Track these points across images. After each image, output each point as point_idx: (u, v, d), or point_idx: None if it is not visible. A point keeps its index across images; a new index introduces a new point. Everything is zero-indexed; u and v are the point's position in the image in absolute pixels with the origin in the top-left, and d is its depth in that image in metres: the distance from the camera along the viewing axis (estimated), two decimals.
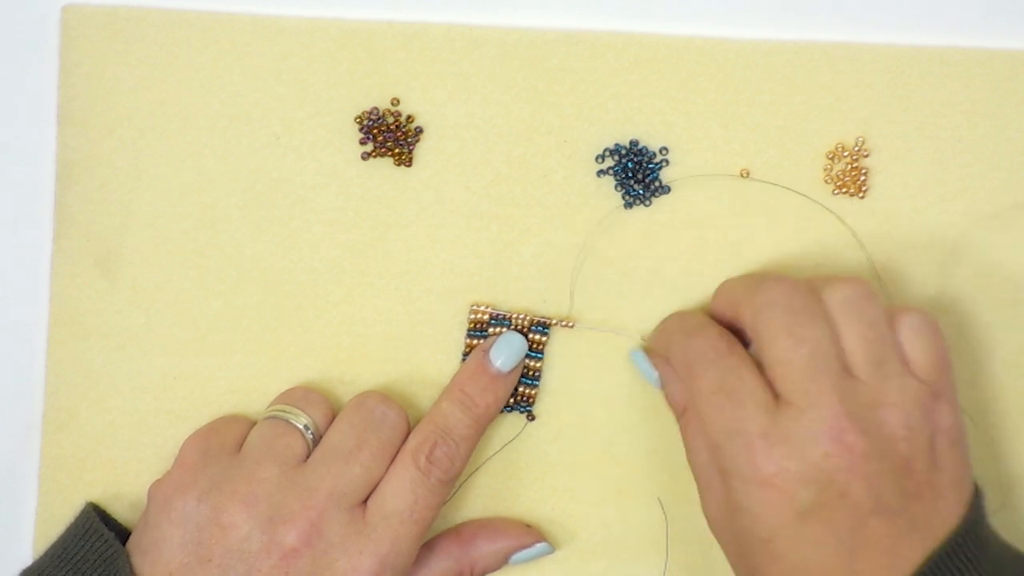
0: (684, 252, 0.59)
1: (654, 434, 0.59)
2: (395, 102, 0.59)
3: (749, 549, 0.51)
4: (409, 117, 0.59)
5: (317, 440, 0.56)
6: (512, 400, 0.59)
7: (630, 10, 0.59)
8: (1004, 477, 0.59)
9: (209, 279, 0.59)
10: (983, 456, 0.59)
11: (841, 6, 0.60)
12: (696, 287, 0.59)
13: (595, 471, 0.59)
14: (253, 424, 0.57)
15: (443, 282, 0.59)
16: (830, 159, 0.59)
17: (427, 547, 0.57)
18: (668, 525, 0.59)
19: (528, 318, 0.59)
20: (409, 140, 0.59)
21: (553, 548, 0.58)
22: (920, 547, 0.49)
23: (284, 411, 0.56)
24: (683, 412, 0.56)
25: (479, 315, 0.59)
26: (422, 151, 0.59)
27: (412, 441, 0.56)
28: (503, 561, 0.58)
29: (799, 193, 0.59)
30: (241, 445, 0.56)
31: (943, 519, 0.50)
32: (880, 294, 0.53)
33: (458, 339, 0.59)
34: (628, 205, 0.59)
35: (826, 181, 0.59)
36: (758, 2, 0.60)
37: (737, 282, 0.56)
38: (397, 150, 0.59)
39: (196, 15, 0.59)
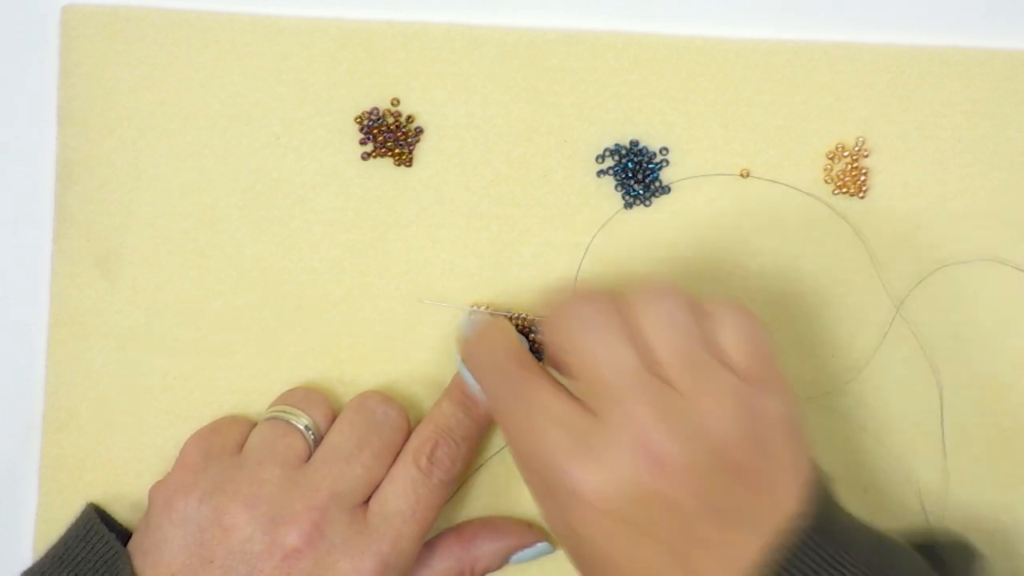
0: (684, 252, 0.59)
1: None
2: (395, 102, 0.59)
3: (589, 566, 0.49)
4: (409, 117, 0.59)
5: (318, 440, 0.56)
6: None
7: (630, 10, 0.59)
8: (1009, 477, 0.59)
9: (209, 279, 0.59)
10: (983, 456, 0.59)
11: (841, 6, 0.60)
12: (696, 287, 0.59)
13: None
14: (254, 425, 0.57)
15: (443, 282, 0.59)
16: (830, 159, 0.59)
17: (428, 546, 0.57)
18: None
19: (528, 318, 0.59)
20: (409, 140, 0.59)
21: (554, 547, 0.58)
22: (757, 541, 0.46)
23: (285, 412, 0.56)
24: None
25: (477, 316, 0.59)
26: (422, 151, 0.59)
27: (413, 441, 0.56)
28: (504, 560, 0.58)
29: (799, 190, 0.59)
30: (242, 446, 0.56)
31: (780, 510, 0.47)
32: (686, 291, 0.51)
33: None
34: (628, 205, 0.59)
35: (826, 181, 0.59)
36: (758, 2, 0.60)
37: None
38: (397, 150, 0.59)
39: (196, 15, 0.59)
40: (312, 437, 0.56)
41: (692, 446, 0.47)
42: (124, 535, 0.56)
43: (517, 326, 0.59)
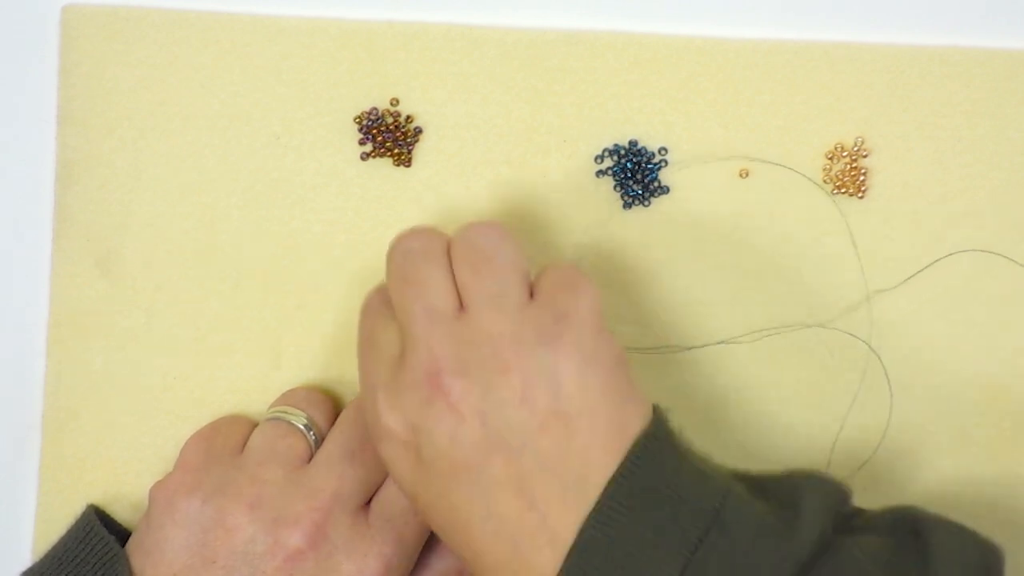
0: (683, 252, 0.59)
1: None
2: (394, 102, 0.59)
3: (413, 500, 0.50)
4: (408, 117, 0.59)
5: (319, 441, 0.56)
6: None
7: (630, 10, 0.59)
8: (1009, 477, 0.59)
9: (209, 279, 0.59)
10: (983, 456, 0.59)
11: (841, 6, 0.60)
12: (695, 288, 0.59)
13: None
14: (254, 425, 0.57)
15: None
16: (829, 159, 0.59)
17: (428, 547, 0.57)
18: None
19: None
20: (408, 140, 0.59)
21: None
22: (584, 501, 0.46)
23: (286, 412, 0.56)
24: None
25: None
26: (421, 151, 0.59)
27: None
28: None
29: (796, 172, 0.59)
30: (243, 446, 0.56)
31: (599, 467, 0.46)
32: (514, 239, 0.50)
33: None
34: (627, 205, 0.59)
35: (825, 181, 0.59)
36: (758, 2, 0.60)
37: None
38: (396, 150, 0.59)
39: (196, 15, 0.59)
40: (313, 437, 0.56)
41: (479, 380, 0.46)
42: (124, 536, 0.56)
43: None
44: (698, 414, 0.59)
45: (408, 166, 0.59)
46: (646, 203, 0.59)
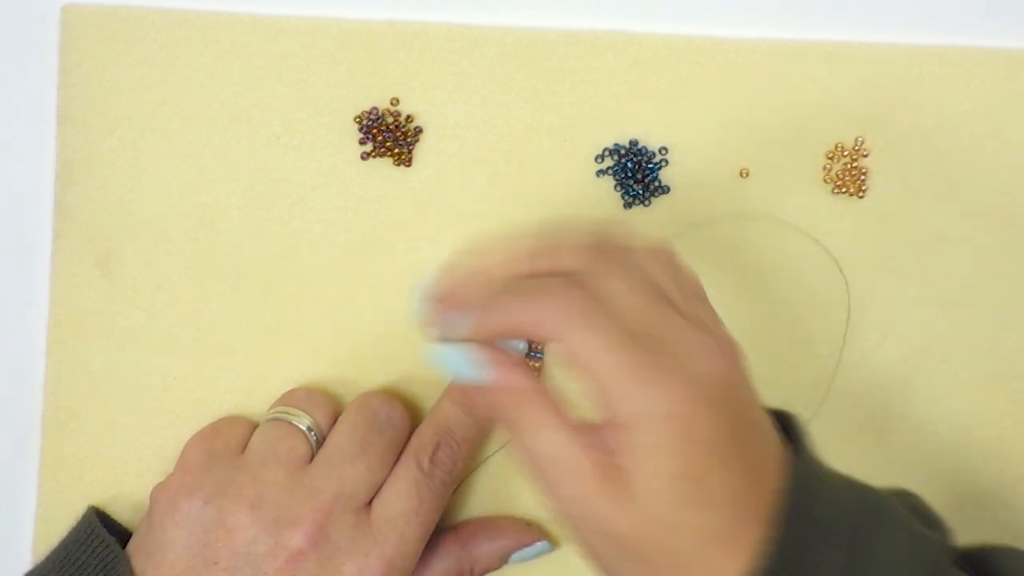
0: (683, 253, 0.59)
1: None
2: (395, 102, 0.59)
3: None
4: (409, 117, 0.59)
5: (321, 441, 0.56)
6: None
7: (630, 10, 0.59)
8: (1008, 477, 0.59)
9: (209, 279, 0.59)
10: (984, 456, 0.59)
11: (841, 6, 0.60)
12: None
13: None
14: (255, 426, 0.57)
15: None
16: (829, 159, 0.59)
17: (428, 547, 0.57)
18: None
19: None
20: (409, 140, 0.59)
21: (554, 546, 0.58)
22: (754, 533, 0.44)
23: (287, 413, 0.56)
24: None
25: None
26: (422, 151, 0.59)
27: (414, 442, 0.56)
28: (503, 560, 0.58)
29: (797, 172, 0.59)
30: (244, 447, 0.56)
31: (766, 487, 0.44)
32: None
33: None
34: (627, 205, 0.59)
35: (825, 181, 0.59)
36: (758, 2, 0.60)
37: None
38: (397, 150, 0.59)
39: (196, 15, 0.59)
40: (315, 438, 0.56)
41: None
42: (125, 537, 0.56)
43: None
44: None
45: (408, 166, 0.59)
46: (646, 203, 0.59)
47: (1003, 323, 0.59)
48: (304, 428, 0.55)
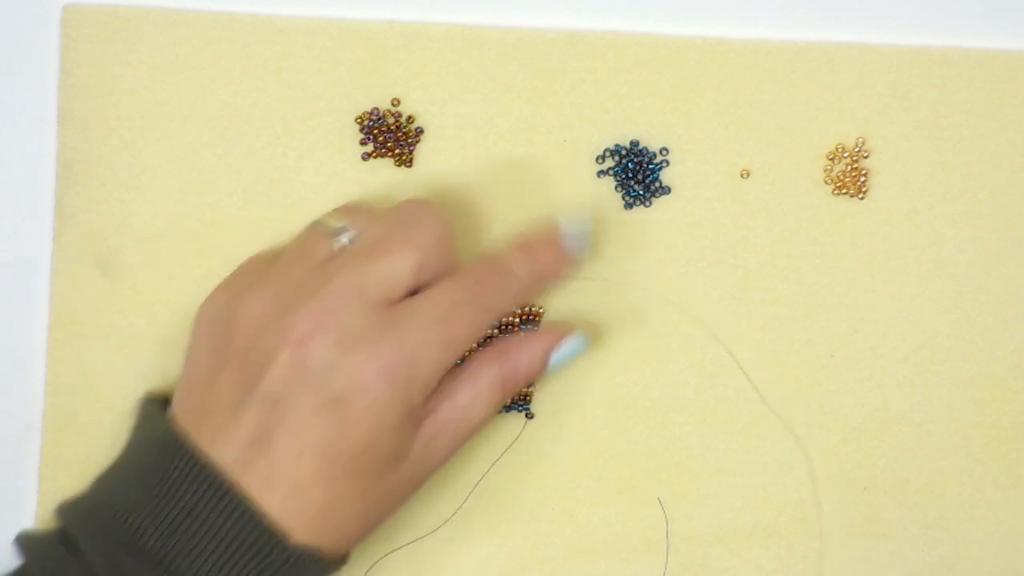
0: (684, 253, 0.59)
1: (654, 434, 0.60)
2: (396, 102, 0.59)
3: None
4: (410, 117, 0.59)
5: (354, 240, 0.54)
6: (509, 400, 0.59)
7: (631, 10, 0.59)
8: (1009, 477, 0.59)
9: (209, 279, 0.59)
10: (984, 456, 0.59)
11: (841, 7, 0.60)
12: (696, 288, 0.59)
13: (595, 471, 0.59)
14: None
15: None
16: (830, 160, 0.59)
17: (464, 366, 0.55)
18: (668, 525, 0.59)
19: (517, 311, 0.59)
20: (410, 140, 0.59)
21: (586, 337, 0.57)
22: None
23: (325, 219, 0.55)
24: None
25: None
26: (423, 151, 0.59)
27: (464, 267, 0.54)
28: (544, 362, 0.56)
29: (797, 173, 0.59)
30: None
31: None
32: None
33: None
34: (628, 206, 0.59)
35: (826, 182, 0.59)
36: (759, 2, 0.60)
37: None
38: (398, 150, 0.59)
39: (196, 15, 0.59)
40: (346, 239, 0.54)
41: None
42: None
43: (503, 326, 0.59)
44: (699, 413, 0.60)
45: (409, 166, 0.59)
46: (647, 203, 0.59)
47: (1003, 323, 0.59)
48: (335, 230, 0.54)
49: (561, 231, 0.56)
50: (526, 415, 0.59)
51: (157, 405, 0.55)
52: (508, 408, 0.59)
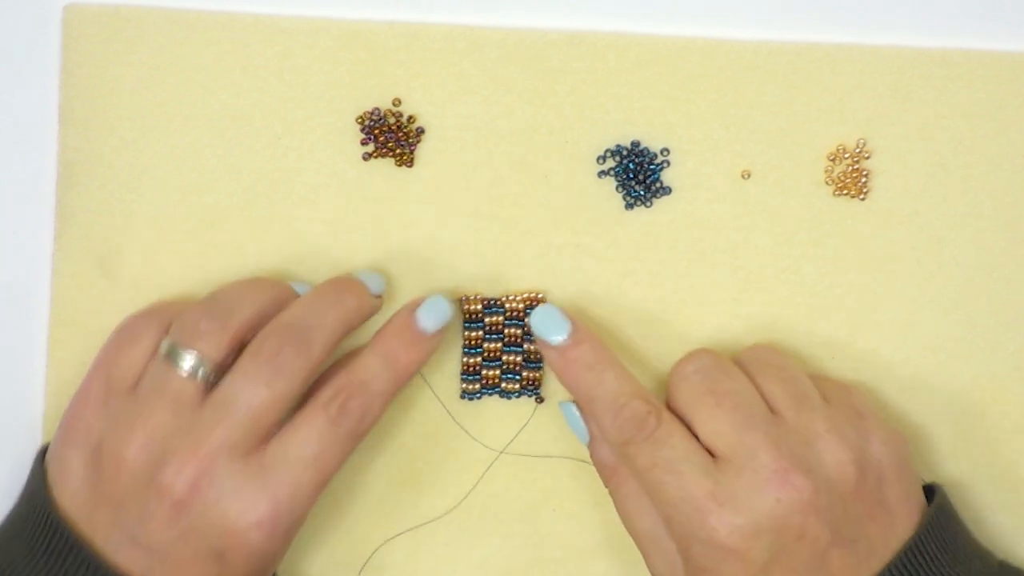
0: (685, 253, 0.59)
1: None
2: (396, 102, 0.59)
3: None
4: (410, 118, 0.59)
5: (214, 374, 0.53)
6: (519, 384, 0.59)
7: (632, 11, 0.59)
8: (1008, 478, 0.59)
9: (210, 279, 0.59)
10: (983, 457, 0.59)
11: (842, 8, 0.60)
12: (696, 289, 0.59)
13: (595, 472, 0.59)
14: (154, 345, 0.55)
15: (444, 283, 0.59)
16: (831, 161, 0.59)
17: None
18: None
19: (521, 297, 0.59)
20: (410, 141, 0.59)
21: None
22: (879, 566, 0.51)
23: (176, 349, 0.54)
24: (612, 474, 0.57)
25: (471, 304, 0.59)
26: (423, 152, 0.59)
27: (326, 391, 0.54)
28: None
29: (798, 174, 0.59)
30: (139, 379, 0.54)
31: (899, 533, 0.52)
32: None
33: (459, 339, 0.59)
34: (629, 206, 0.59)
35: (827, 183, 0.59)
36: (760, 3, 0.60)
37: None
38: (398, 150, 0.59)
39: (197, 15, 0.59)
40: (205, 373, 0.53)
41: (819, 477, 0.51)
42: None
43: (511, 309, 0.59)
44: None
45: (410, 166, 0.59)
46: (648, 204, 0.59)
47: (1004, 324, 0.59)
48: (190, 369, 0.53)
49: (416, 320, 0.56)
50: (537, 400, 0.60)
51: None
52: (519, 394, 0.59)
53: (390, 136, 0.59)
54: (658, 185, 0.59)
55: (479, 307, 0.59)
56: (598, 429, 0.56)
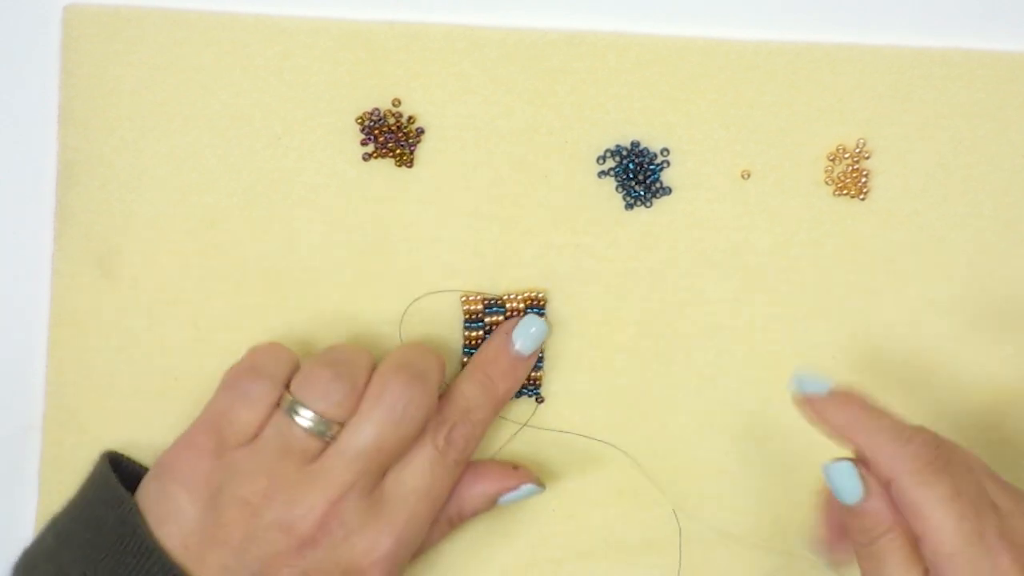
0: (684, 254, 0.59)
1: (655, 435, 0.60)
2: (396, 103, 0.59)
3: None
4: (410, 118, 0.59)
5: (333, 430, 0.54)
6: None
7: (632, 11, 0.59)
8: (1007, 479, 0.59)
9: (210, 279, 0.59)
10: (984, 457, 0.59)
11: (842, 8, 0.60)
12: (696, 289, 0.59)
13: (596, 472, 0.59)
14: (267, 412, 0.55)
15: (444, 283, 0.59)
16: (831, 161, 0.59)
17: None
18: (680, 529, 0.59)
19: (522, 297, 0.59)
20: (410, 141, 0.59)
21: (542, 487, 0.58)
22: None
23: (296, 407, 0.55)
24: (885, 532, 0.51)
25: (472, 304, 0.59)
26: (423, 152, 0.59)
27: (432, 421, 0.55)
28: (492, 502, 0.58)
29: (798, 174, 0.59)
30: (255, 435, 0.55)
31: None
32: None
33: (459, 339, 0.59)
34: (629, 206, 0.59)
35: (827, 183, 0.59)
36: (760, 3, 0.60)
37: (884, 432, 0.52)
38: (398, 151, 0.59)
39: (197, 15, 0.59)
40: (325, 431, 0.54)
41: None
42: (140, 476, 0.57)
43: (511, 308, 0.59)
44: (699, 418, 0.60)
45: (410, 167, 0.59)
46: (648, 204, 0.59)
47: (1004, 325, 0.59)
48: (316, 429, 0.54)
49: (512, 343, 0.58)
50: (537, 399, 0.60)
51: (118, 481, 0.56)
52: (518, 394, 0.59)
53: (390, 136, 0.59)
54: (658, 185, 0.59)
55: (480, 307, 0.59)
56: (883, 466, 0.51)
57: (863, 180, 0.59)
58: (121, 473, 0.57)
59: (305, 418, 0.54)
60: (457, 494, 0.57)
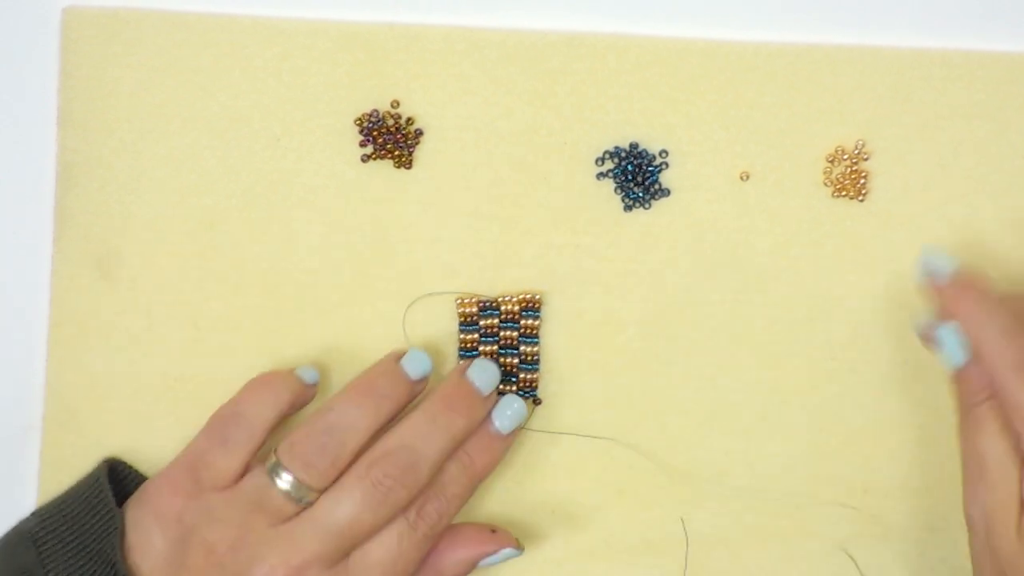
0: (683, 255, 0.59)
1: (655, 435, 0.60)
2: (395, 104, 0.59)
3: None
4: (409, 119, 0.59)
5: (309, 495, 0.54)
6: (515, 387, 0.59)
7: (631, 13, 0.59)
8: None
9: (209, 280, 0.59)
10: None
11: (842, 9, 0.59)
12: (696, 290, 0.59)
13: (595, 473, 0.59)
14: (244, 460, 0.56)
15: (443, 284, 0.59)
16: (830, 162, 0.59)
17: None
18: (686, 536, 0.60)
19: (517, 299, 0.59)
20: (409, 142, 0.59)
21: (522, 549, 0.58)
22: None
23: (277, 469, 0.55)
24: (984, 399, 0.54)
25: (467, 307, 0.59)
26: (422, 153, 0.59)
27: (401, 517, 0.55)
28: (472, 567, 0.57)
29: (797, 175, 0.59)
30: (233, 481, 0.55)
31: None
32: None
33: (454, 340, 0.59)
34: (628, 208, 0.59)
35: (826, 184, 0.59)
36: (759, 5, 0.59)
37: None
38: (397, 152, 0.59)
39: (196, 17, 0.59)
40: (301, 497, 0.54)
41: None
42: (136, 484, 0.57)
43: (507, 310, 0.59)
44: (698, 418, 0.60)
45: (409, 168, 0.59)
46: (647, 205, 0.59)
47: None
48: (294, 494, 0.54)
49: (491, 422, 0.58)
50: (533, 401, 0.60)
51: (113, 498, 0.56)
52: (518, 394, 0.59)
53: (389, 138, 0.59)
54: (657, 187, 0.59)
55: (475, 309, 0.59)
56: (987, 358, 0.53)
57: (862, 181, 0.59)
58: (118, 479, 0.57)
59: (285, 482, 0.54)
60: (435, 561, 0.57)
